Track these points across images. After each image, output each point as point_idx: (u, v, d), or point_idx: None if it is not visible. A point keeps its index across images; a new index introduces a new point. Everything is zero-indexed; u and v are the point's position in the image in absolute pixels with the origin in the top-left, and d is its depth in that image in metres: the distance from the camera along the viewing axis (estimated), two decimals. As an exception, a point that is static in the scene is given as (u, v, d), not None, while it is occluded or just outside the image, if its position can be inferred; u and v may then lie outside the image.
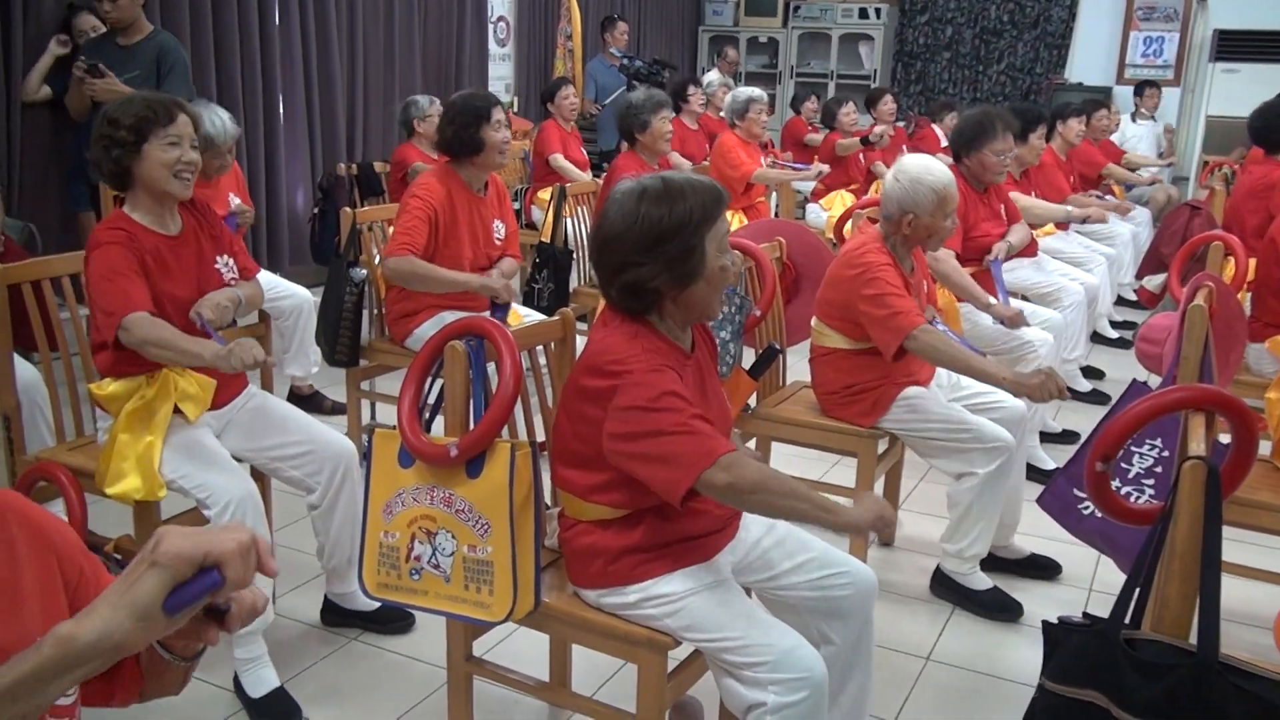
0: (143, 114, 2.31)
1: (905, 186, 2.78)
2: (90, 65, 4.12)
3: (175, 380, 2.39)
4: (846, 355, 2.89)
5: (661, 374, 1.77)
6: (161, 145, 2.31)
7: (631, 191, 1.82)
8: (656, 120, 4.46)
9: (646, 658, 1.89)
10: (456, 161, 3.43)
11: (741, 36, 10.86)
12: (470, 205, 3.44)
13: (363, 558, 2.04)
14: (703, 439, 1.72)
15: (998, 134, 3.67)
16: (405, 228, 3.29)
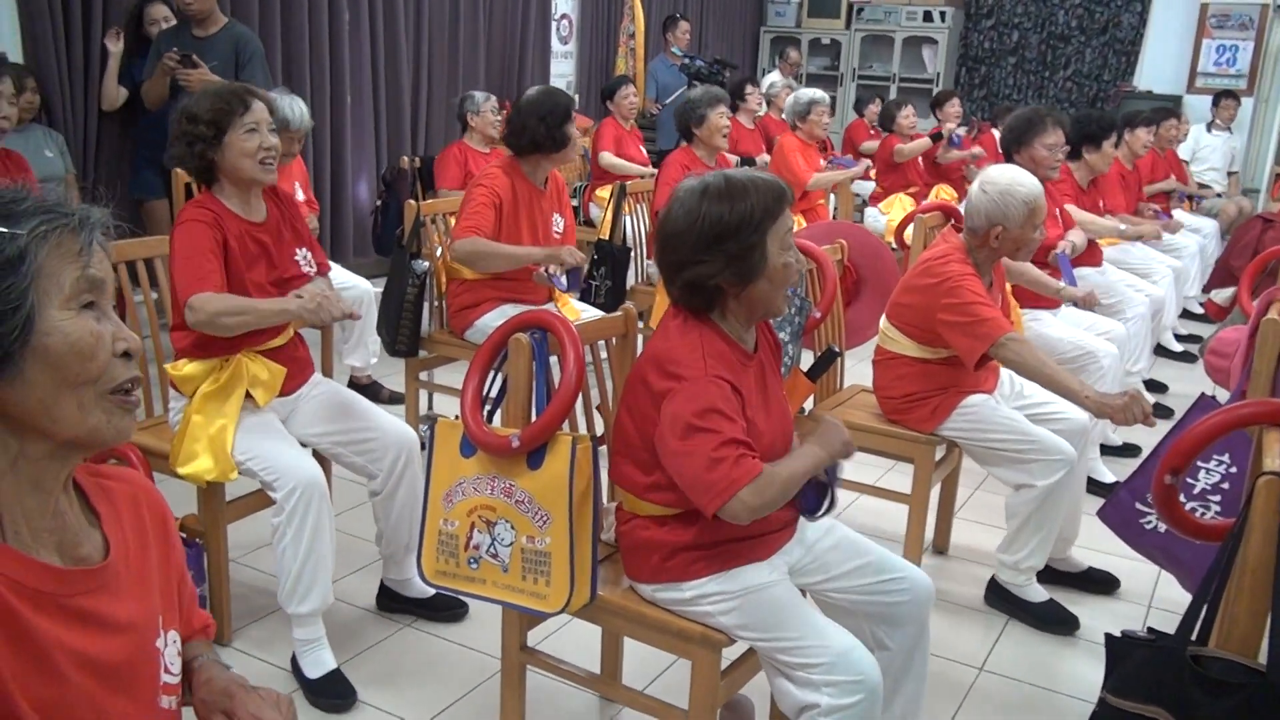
0: (219, 106, 2.36)
1: (994, 198, 2.74)
2: (184, 55, 4.20)
3: (248, 365, 2.45)
4: (913, 362, 2.87)
5: (714, 386, 1.78)
6: (241, 134, 2.37)
7: (694, 189, 1.83)
8: (714, 115, 4.46)
9: (700, 654, 1.89)
10: (525, 156, 3.44)
11: (804, 38, 10.81)
12: (531, 198, 3.47)
13: (422, 545, 2.07)
14: (729, 469, 1.73)
15: (1048, 128, 3.62)
16: (471, 212, 3.33)
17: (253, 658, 2.51)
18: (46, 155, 4.35)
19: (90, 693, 1.04)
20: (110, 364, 1.04)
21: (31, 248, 0.99)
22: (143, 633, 1.12)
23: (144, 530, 1.18)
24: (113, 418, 1.05)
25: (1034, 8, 10.41)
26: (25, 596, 1.00)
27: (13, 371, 0.98)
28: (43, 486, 1.05)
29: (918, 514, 2.94)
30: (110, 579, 1.10)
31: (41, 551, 1.04)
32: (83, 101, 4.72)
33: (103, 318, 1.05)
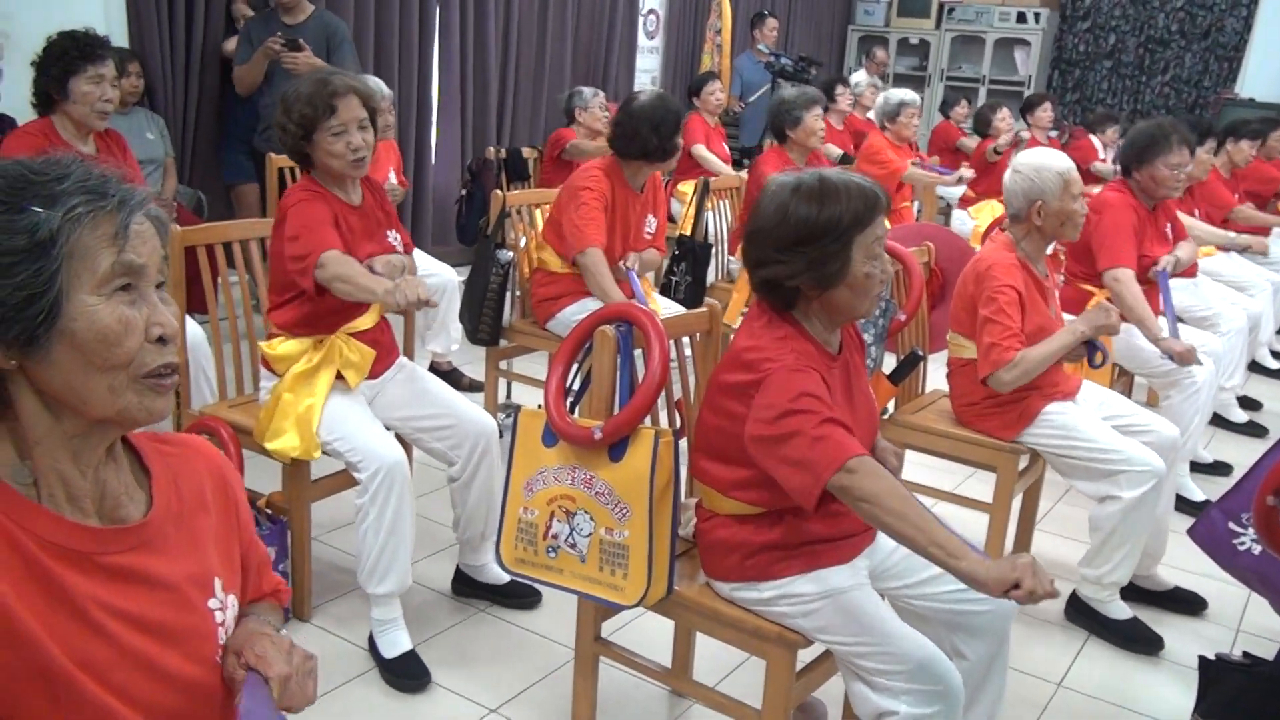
0: (305, 112, 2.40)
1: (1028, 175, 2.74)
2: (289, 40, 4.30)
3: (340, 347, 2.50)
4: (970, 365, 2.81)
5: (804, 374, 1.76)
6: (327, 137, 2.42)
7: (786, 185, 1.81)
8: (809, 117, 4.42)
9: (776, 655, 1.88)
10: (629, 160, 3.44)
11: (892, 37, 10.66)
12: (627, 202, 3.48)
13: (501, 532, 2.09)
14: (831, 444, 1.68)
15: (1172, 147, 3.44)
16: (591, 217, 3.32)
17: (331, 635, 2.56)
18: (148, 138, 4.49)
19: (138, 648, 1.06)
20: (142, 349, 1.03)
21: (64, 230, 0.99)
22: (191, 592, 1.13)
23: (202, 494, 1.19)
24: (144, 399, 1.04)
25: (1132, 10, 10.13)
26: (60, 556, 1.02)
27: (40, 352, 0.99)
28: (81, 458, 1.06)
29: (998, 524, 2.88)
30: (151, 537, 1.11)
31: (78, 514, 1.06)
32: (183, 86, 4.85)
33: (139, 301, 1.04)
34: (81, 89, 3.01)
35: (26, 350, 0.99)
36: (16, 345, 0.99)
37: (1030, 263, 2.77)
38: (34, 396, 1.03)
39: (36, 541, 1.01)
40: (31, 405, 1.03)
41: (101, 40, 3.08)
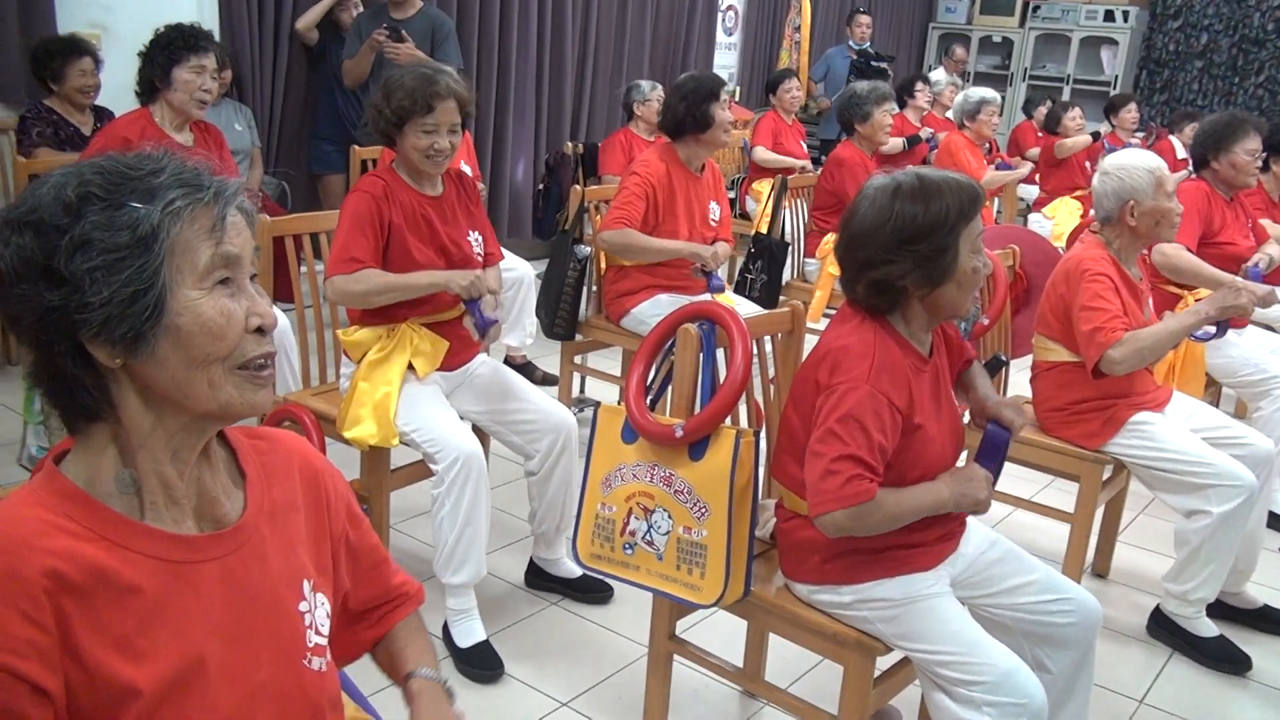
0: (405, 102, 2.44)
1: (1118, 176, 2.68)
2: (393, 30, 4.37)
3: (411, 336, 2.53)
4: (1071, 369, 2.74)
5: (866, 396, 1.74)
6: (417, 132, 2.46)
7: (885, 187, 1.79)
8: (879, 113, 4.38)
9: (854, 660, 1.86)
10: (679, 140, 3.45)
11: (974, 35, 10.48)
12: (687, 184, 3.47)
13: (578, 527, 2.09)
14: (838, 485, 1.71)
15: (1249, 133, 3.42)
16: (622, 202, 3.35)
17: (406, 622, 2.59)
18: (236, 129, 4.59)
19: (227, 657, 1.05)
20: (242, 340, 1.03)
21: (165, 224, 0.98)
22: (285, 594, 1.12)
23: (294, 492, 1.18)
24: (244, 392, 1.04)
25: (1226, 9, 9.82)
26: (157, 568, 1.01)
27: (146, 349, 0.98)
28: (180, 456, 1.06)
29: (1080, 534, 2.82)
30: (245, 539, 1.10)
31: (178, 519, 1.06)
32: (270, 78, 4.96)
33: (237, 293, 1.03)
34: (183, 77, 3.10)
35: (133, 348, 0.98)
36: (123, 343, 0.98)
37: (1123, 265, 2.70)
38: (136, 396, 1.02)
39: (127, 557, 1.00)
40: (135, 405, 1.02)
41: (206, 33, 3.17)
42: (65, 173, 1.00)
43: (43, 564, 0.95)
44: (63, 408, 1.03)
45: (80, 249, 0.96)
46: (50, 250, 0.96)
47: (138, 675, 0.98)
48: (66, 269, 0.95)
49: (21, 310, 0.97)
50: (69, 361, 0.99)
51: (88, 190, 0.97)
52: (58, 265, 0.95)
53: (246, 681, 1.06)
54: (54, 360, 0.99)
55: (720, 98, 3.39)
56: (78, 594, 0.96)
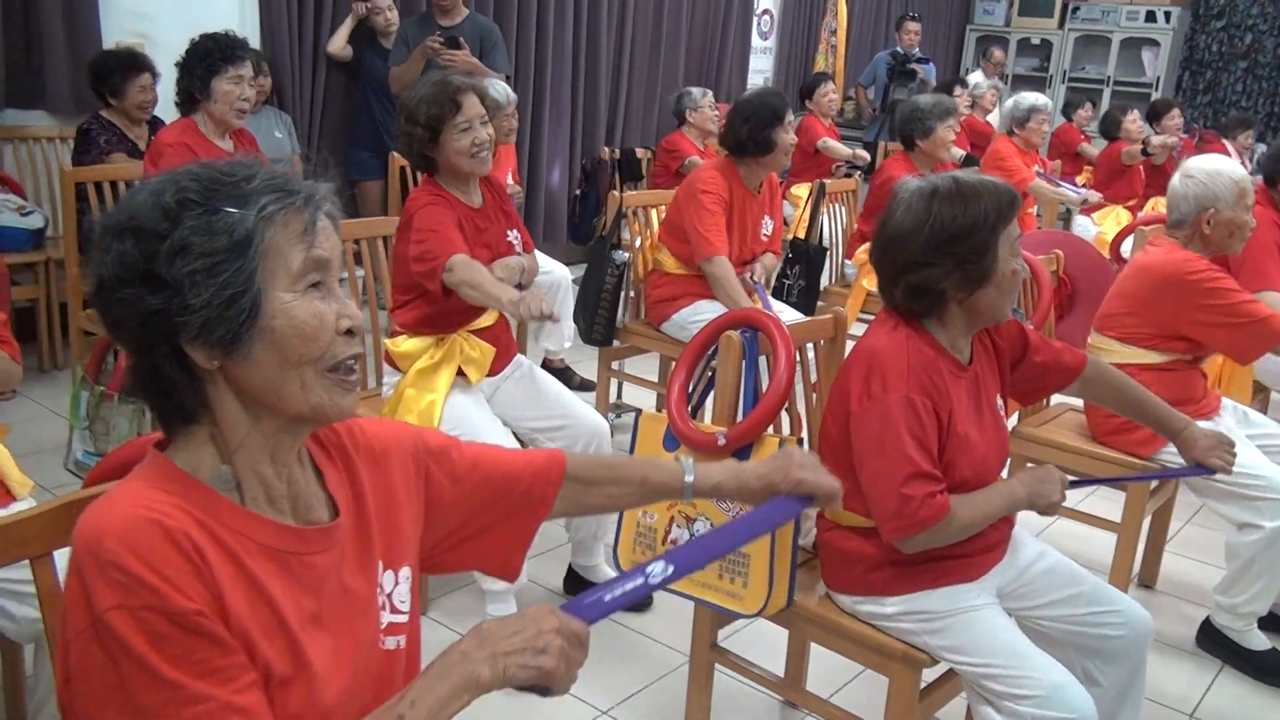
0: (432, 111, 2.45)
1: (1202, 181, 2.62)
2: (449, 38, 4.40)
3: (461, 344, 2.54)
4: (1138, 370, 2.68)
5: (906, 407, 1.72)
6: (455, 133, 2.46)
7: (922, 190, 1.77)
8: (942, 128, 4.29)
9: (900, 672, 1.84)
10: (740, 159, 3.42)
11: (1012, 37, 10.39)
12: (744, 202, 3.45)
13: (619, 534, 2.08)
14: (915, 509, 1.70)
15: None
16: (714, 225, 3.31)
17: (446, 628, 2.60)
18: (276, 136, 4.63)
19: (326, 649, 1.07)
20: (333, 342, 1.04)
21: (259, 229, 1.00)
22: (363, 585, 1.15)
23: (364, 480, 1.19)
24: (333, 395, 1.05)
25: (1271, 8, 9.66)
26: (267, 556, 1.04)
27: (242, 351, 1.00)
28: (278, 457, 1.08)
29: (1127, 544, 2.77)
30: (340, 537, 1.13)
31: (278, 516, 1.08)
32: (309, 86, 5.00)
33: (328, 296, 1.05)
34: (223, 88, 3.13)
35: (230, 350, 1.00)
36: (220, 346, 1.00)
37: None
38: (233, 398, 1.04)
39: (241, 543, 1.02)
40: (232, 407, 1.04)
41: (241, 42, 3.19)
42: (160, 180, 1.02)
43: (185, 532, 0.97)
44: (160, 410, 1.05)
45: (180, 253, 0.98)
46: (151, 255, 0.98)
47: (270, 655, 1.01)
48: (167, 273, 0.98)
49: (124, 314, 1.00)
50: (168, 364, 1.01)
51: (185, 196, 0.99)
52: (158, 269, 0.98)
53: (342, 673, 1.08)
54: (154, 363, 1.02)
55: (785, 120, 3.37)
56: (208, 566, 0.98)
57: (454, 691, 1.03)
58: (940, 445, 1.77)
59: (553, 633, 1.07)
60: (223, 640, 0.96)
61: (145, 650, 0.92)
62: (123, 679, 0.92)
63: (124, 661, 0.92)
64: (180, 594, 0.94)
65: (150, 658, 0.92)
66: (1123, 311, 2.72)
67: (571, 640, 1.08)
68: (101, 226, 1.01)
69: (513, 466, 1.34)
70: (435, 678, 1.05)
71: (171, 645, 0.93)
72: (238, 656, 0.97)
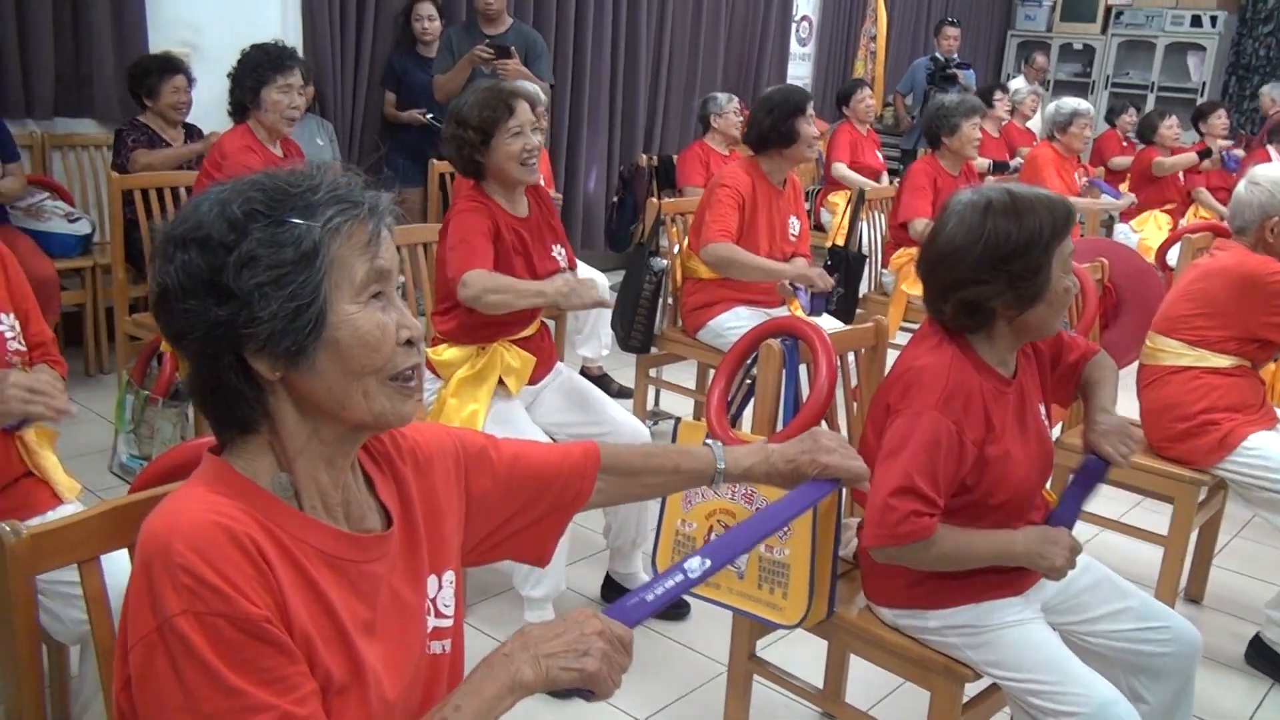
0: (486, 114, 2.45)
1: (1268, 190, 2.59)
2: (499, 47, 4.43)
3: (503, 354, 2.54)
4: (1202, 374, 2.64)
5: (931, 424, 1.69)
6: (507, 138, 2.46)
7: (975, 204, 1.74)
8: (967, 126, 4.28)
9: (942, 686, 1.81)
10: (763, 154, 3.42)
11: (1054, 42, 10.27)
12: (770, 199, 3.44)
13: (658, 543, 2.08)
14: (894, 522, 1.67)
15: None
16: (719, 215, 3.32)
17: (484, 634, 2.60)
18: (318, 143, 4.68)
19: (379, 657, 1.07)
20: (394, 353, 1.04)
21: (325, 241, 1.00)
22: (412, 593, 1.15)
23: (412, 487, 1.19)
24: (395, 402, 1.06)
25: (1321, 13, 9.50)
26: (325, 564, 1.04)
27: (306, 362, 1.00)
28: (334, 464, 1.08)
29: (1173, 558, 2.72)
30: (393, 546, 1.13)
31: (335, 524, 1.08)
32: (351, 95, 5.05)
33: (389, 306, 1.05)
34: (272, 98, 3.16)
35: (294, 361, 1.00)
36: (285, 357, 1.00)
37: None
38: (293, 407, 1.04)
39: (302, 549, 1.03)
40: (291, 416, 1.04)
41: (290, 51, 3.23)
42: (225, 190, 1.02)
43: (251, 537, 0.98)
44: (218, 419, 1.06)
45: (247, 265, 0.98)
46: (218, 266, 0.98)
47: (330, 663, 1.01)
48: (234, 285, 0.98)
49: (188, 325, 1.00)
50: (232, 375, 1.01)
51: (252, 207, 0.99)
52: (226, 281, 0.98)
53: (395, 681, 1.08)
54: (216, 374, 1.01)
55: (807, 112, 3.36)
56: (273, 572, 0.98)
57: (498, 694, 1.04)
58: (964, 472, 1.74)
59: (595, 635, 1.07)
60: (287, 648, 0.96)
61: (211, 656, 0.92)
62: (186, 685, 0.92)
63: (189, 667, 0.92)
64: (247, 600, 0.94)
65: (216, 664, 0.92)
66: (1193, 313, 2.67)
67: (614, 643, 1.08)
68: (165, 235, 1.02)
69: (549, 462, 1.35)
70: (479, 680, 1.05)
71: (237, 652, 0.93)
72: (300, 665, 0.97)
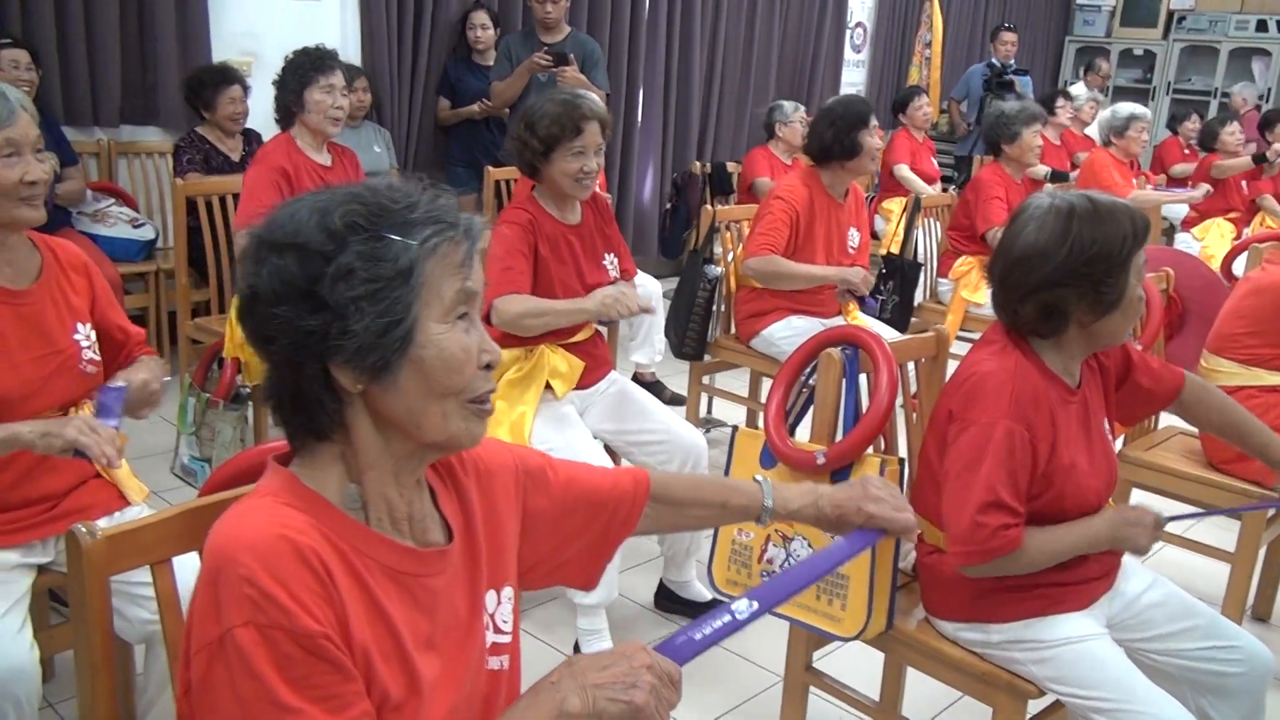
0: (553, 130, 2.45)
1: None
2: (557, 54, 4.46)
3: (550, 357, 2.55)
4: (1257, 393, 2.57)
5: (1004, 432, 1.67)
6: (566, 156, 2.47)
7: (1058, 209, 1.71)
8: (1027, 133, 4.23)
9: (1004, 702, 1.78)
10: (824, 165, 3.40)
11: (1114, 48, 10.10)
12: (829, 211, 3.42)
13: (714, 552, 2.07)
14: (986, 538, 1.66)
15: None
16: (767, 228, 3.31)
17: (537, 640, 2.61)
18: (375, 150, 4.73)
19: (437, 672, 1.07)
20: (474, 376, 1.04)
21: (421, 259, 1.00)
22: (473, 609, 1.15)
23: (475, 502, 1.20)
24: (470, 424, 1.06)
25: (1392, 16, 9.25)
26: (390, 578, 1.05)
27: (389, 378, 1.00)
28: (402, 480, 1.09)
29: (1241, 575, 2.65)
30: (454, 559, 1.13)
31: (399, 537, 1.09)
32: (407, 103, 5.10)
33: (471, 329, 1.05)
34: (315, 98, 3.17)
35: (378, 376, 1.01)
36: (370, 371, 1.00)
37: None
38: (369, 421, 1.04)
39: (366, 564, 1.03)
40: (367, 430, 1.05)
41: (331, 53, 3.24)
42: (322, 198, 1.02)
43: (316, 551, 0.98)
44: (294, 426, 1.06)
45: (344, 277, 0.98)
46: (315, 275, 0.98)
47: (388, 679, 1.01)
48: (329, 295, 0.98)
49: (277, 330, 1.00)
50: (315, 384, 1.01)
51: (353, 220, 0.99)
52: (321, 291, 0.98)
53: (451, 696, 1.08)
54: (298, 382, 1.02)
55: (870, 124, 3.34)
56: (336, 588, 0.99)
57: None
58: (1036, 477, 1.72)
59: (644, 669, 1.06)
60: (344, 666, 0.97)
61: (268, 669, 0.93)
62: (241, 696, 0.93)
63: (245, 679, 0.93)
64: (309, 616, 0.95)
65: (271, 678, 0.93)
66: (1242, 332, 2.62)
67: (663, 678, 1.07)
68: (259, 239, 1.02)
69: (601, 487, 1.34)
70: (525, 707, 1.06)
71: (294, 667, 0.94)
72: (355, 684, 0.98)
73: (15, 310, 1.79)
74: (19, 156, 1.71)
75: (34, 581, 1.82)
